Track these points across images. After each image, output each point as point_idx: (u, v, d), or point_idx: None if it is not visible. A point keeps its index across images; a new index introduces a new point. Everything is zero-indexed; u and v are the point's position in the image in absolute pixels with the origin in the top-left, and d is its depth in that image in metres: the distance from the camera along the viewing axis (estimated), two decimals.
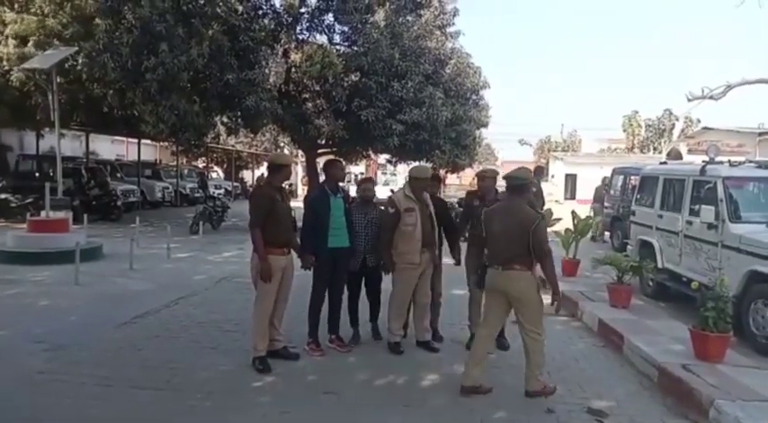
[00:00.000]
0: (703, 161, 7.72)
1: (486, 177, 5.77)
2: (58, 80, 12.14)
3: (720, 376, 4.64)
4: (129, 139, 26.98)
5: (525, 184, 4.59)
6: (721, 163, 7.45)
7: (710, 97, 18.07)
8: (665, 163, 9.97)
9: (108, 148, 27.93)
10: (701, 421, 4.12)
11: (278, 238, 4.89)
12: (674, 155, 14.63)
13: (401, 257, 5.36)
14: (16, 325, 6.02)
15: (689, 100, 18.58)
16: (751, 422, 3.81)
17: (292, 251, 5.14)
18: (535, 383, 4.44)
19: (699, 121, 31.80)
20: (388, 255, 5.38)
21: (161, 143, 28.25)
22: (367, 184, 5.96)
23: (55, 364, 4.88)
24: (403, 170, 32.86)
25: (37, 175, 17.93)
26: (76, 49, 12.57)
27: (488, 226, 4.59)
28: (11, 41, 13.64)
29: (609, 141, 45.09)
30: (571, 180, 33.84)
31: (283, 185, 5.26)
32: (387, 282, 5.67)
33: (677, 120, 35.29)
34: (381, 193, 5.87)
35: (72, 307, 6.87)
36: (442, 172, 33.21)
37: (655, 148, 37.29)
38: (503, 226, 4.44)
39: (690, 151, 20.02)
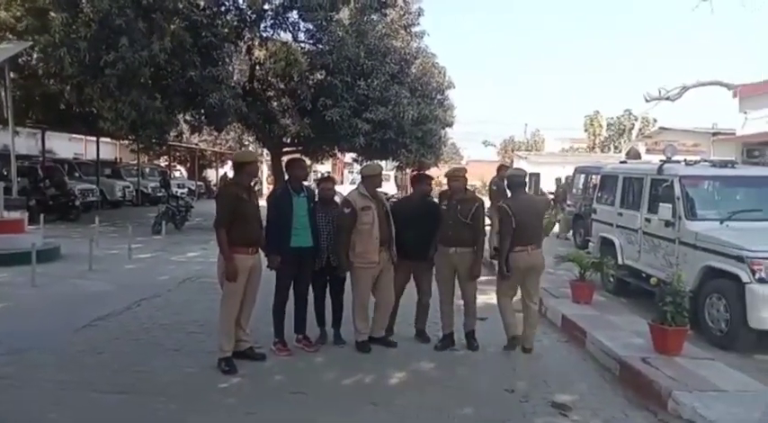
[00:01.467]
0: (660, 160, 7.94)
1: (459, 177, 5.67)
2: (12, 76, 11.73)
3: (678, 368, 4.80)
4: (88, 137, 26.23)
5: (525, 180, 5.87)
6: (678, 162, 7.68)
7: (667, 98, 18.69)
8: (624, 162, 10.22)
9: (65, 146, 27.11)
10: (660, 412, 4.24)
11: (244, 237, 4.80)
12: (633, 154, 15.01)
13: (359, 257, 5.34)
14: None
15: (646, 100, 19.18)
16: (706, 411, 3.95)
17: (260, 251, 5.06)
18: (532, 341, 5.60)
19: (655, 120, 32.66)
20: (344, 255, 5.35)
21: (121, 141, 27.52)
22: (326, 183, 5.88)
23: (12, 369, 4.72)
24: None
25: None
26: (31, 43, 12.18)
27: (521, 216, 5.41)
28: None
29: (571, 141, 45.98)
30: (535, 178, 34.37)
31: (251, 184, 5.18)
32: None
33: (636, 120, 36.20)
34: (347, 191, 5.85)
35: (29, 310, 6.66)
36: (408, 170, 33.46)
37: (615, 147, 38.19)
38: (532, 214, 5.53)
39: (648, 151, 20.53)
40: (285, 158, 19.09)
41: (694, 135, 20.79)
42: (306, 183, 5.67)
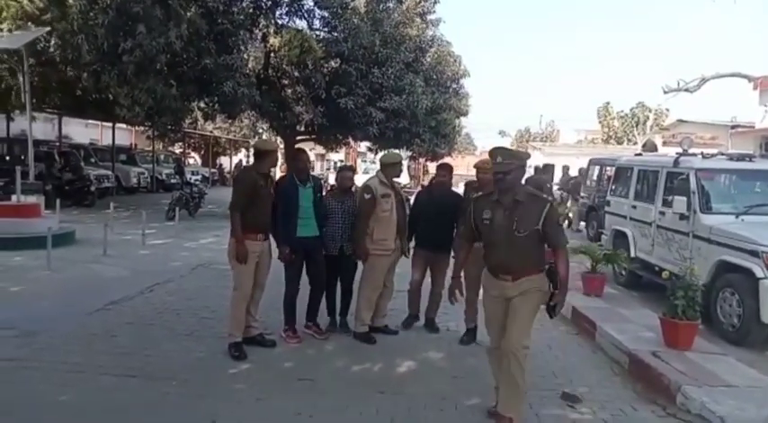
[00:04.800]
0: (677, 153, 7.84)
1: (489, 168, 4.72)
2: (30, 62, 11.83)
3: (688, 363, 4.76)
4: (104, 124, 26.48)
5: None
6: (694, 155, 7.58)
7: (686, 90, 18.38)
8: (640, 154, 10.11)
9: (82, 131, 27.36)
10: (668, 406, 4.22)
11: (256, 223, 4.85)
12: (650, 147, 14.87)
13: (377, 244, 5.35)
14: None
15: (665, 92, 18.89)
16: (715, 406, 3.92)
17: (271, 239, 5.09)
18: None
19: (668, 111, 32.22)
20: (363, 242, 5.35)
21: (137, 128, 27.80)
22: (346, 172, 5.90)
23: (25, 351, 4.80)
24: None
25: (7, 158, 17.52)
26: (48, 29, 12.24)
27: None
28: None
29: (587, 132, 45.54)
30: (550, 170, 34.16)
31: (270, 173, 5.19)
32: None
33: (650, 111, 35.75)
34: (362, 181, 5.78)
35: (44, 293, 6.76)
36: (422, 160, 33.35)
37: (629, 140, 37.76)
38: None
39: (665, 143, 20.31)
40: (298, 147, 19.09)
41: (712, 128, 20.54)
42: (317, 173, 5.67)
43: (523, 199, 3.65)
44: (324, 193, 5.60)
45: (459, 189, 6.14)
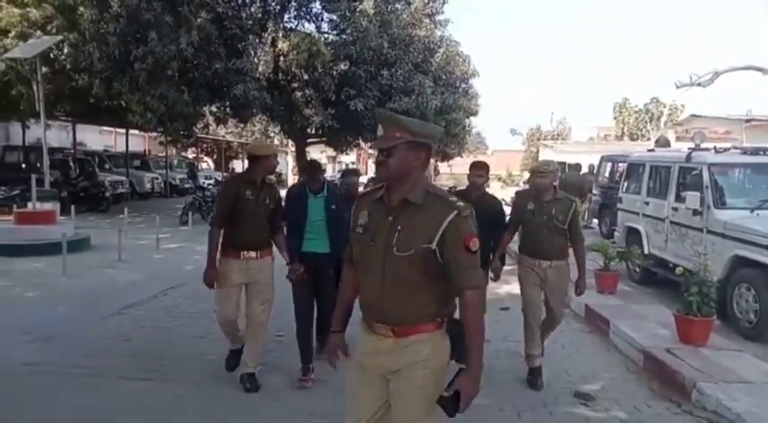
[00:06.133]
0: (689, 148, 7.77)
1: (547, 173, 4.49)
2: (43, 70, 12.00)
3: (703, 359, 4.72)
4: (118, 130, 26.72)
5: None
6: (707, 149, 7.50)
7: (698, 84, 18.15)
8: (652, 150, 10.03)
9: (96, 138, 27.65)
10: (684, 403, 4.18)
11: (237, 239, 4.25)
12: (663, 142, 14.70)
13: None
14: (2, 317, 5.98)
15: (677, 87, 18.66)
16: (731, 403, 3.87)
17: (268, 257, 4.42)
18: None
19: (683, 106, 31.91)
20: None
21: (150, 134, 28.03)
22: (350, 177, 5.33)
23: (42, 356, 4.87)
24: None
25: (23, 166, 17.75)
26: (60, 38, 12.42)
27: None
28: None
29: (599, 129, 45.24)
30: (561, 168, 34.01)
31: (266, 179, 4.46)
32: None
33: (665, 107, 35.43)
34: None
35: (60, 298, 6.85)
36: (432, 161, 33.36)
37: (642, 135, 37.46)
38: None
39: (678, 138, 20.09)
40: (310, 149, 19.14)
41: (726, 122, 20.27)
42: (328, 176, 5.45)
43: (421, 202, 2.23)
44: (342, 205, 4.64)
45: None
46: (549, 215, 4.47)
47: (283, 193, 4.70)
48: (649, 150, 10.13)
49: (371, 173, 29.55)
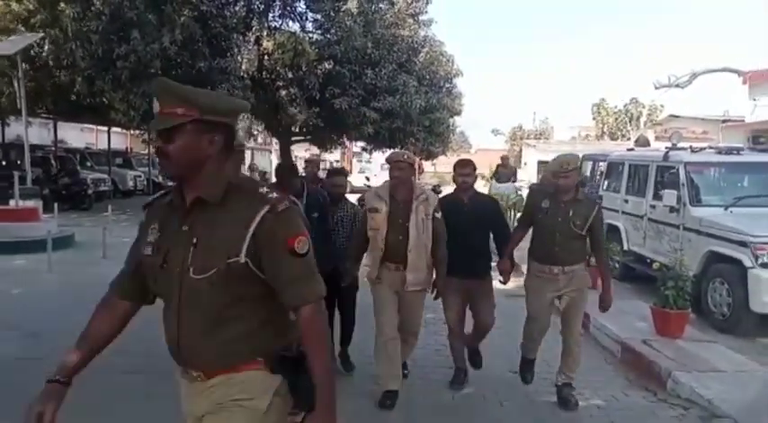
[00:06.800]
0: (666, 147, 7.99)
1: (569, 172, 3.91)
2: (24, 67, 11.90)
3: (679, 350, 4.90)
4: (99, 128, 26.50)
5: None
6: (683, 149, 7.72)
7: (677, 85, 18.55)
8: (632, 149, 10.26)
9: (77, 136, 27.38)
10: (659, 392, 4.35)
11: None
12: (642, 142, 14.96)
13: (368, 270, 4.19)
14: None
15: (656, 88, 19.05)
16: (704, 390, 4.05)
17: None
18: None
19: (662, 106, 32.51)
20: (350, 261, 4.28)
21: (132, 131, 27.80)
22: (336, 177, 4.95)
23: (29, 351, 4.88)
24: (378, 158, 32.92)
25: (3, 163, 17.53)
26: (42, 35, 12.33)
27: None
28: None
29: (581, 129, 45.80)
30: (543, 167, 34.39)
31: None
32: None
33: (644, 107, 36.02)
34: (356, 180, 5.63)
35: (46, 294, 6.85)
36: (416, 159, 33.47)
37: (623, 135, 38.03)
38: None
39: (657, 138, 20.45)
40: (294, 147, 19.12)
41: (704, 122, 20.72)
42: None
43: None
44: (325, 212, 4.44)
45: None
46: (565, 217, 3.94)
47: None
48: (629, 150, 10.37)
49: (356, 170, 29.59)
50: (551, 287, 4.06)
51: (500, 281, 4.35)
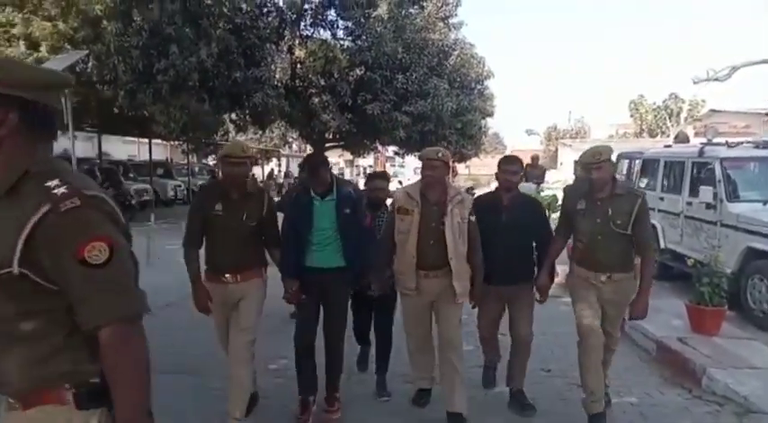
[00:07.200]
0: (701, 143, 7.87)
1: (601, 163, 3.51)
2: None
3: (714, 347, 4.86)
4: (141, 140, 27.35)
5: None
6: (720, 144, 7.60)
7: (716, 79, 18.08)
8: (669, 146, 10.11)
9: (120, 148, 28.33)
10: (694, 389, 4.33)
11: (211, 261, 3.78)
12: (682, 138, 14.67)
13: (398, 279, 3.87)
14: None
15: (694, 83, 18.61)
16: (739, 387, 4.03)
17: (250, 278, 3.70)
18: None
19: (704, 101, 31.68)
20: (377, 268, 3.91)
21: (172, 142, 28.62)
22: (378, 180, 4.60)
23: None
24: (411, 162, 33.02)
25: None
26: (87, 52, 12.86)
27: None
28: (21, 43, 13.94)
29: (618, 126, 44.95)
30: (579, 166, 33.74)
31: (248, 188, 3.69)
32: None
33: (683, 103, 35.15)
34: (390, 185, 5.52)
35: None
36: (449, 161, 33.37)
37: (662, 132, 37.17)
38: None
39: (697, 134, 20.01)
40: (328, 153, 19.40)
41: (746, 116, 20.19)
42: (347, 177, 5.12)
43: None
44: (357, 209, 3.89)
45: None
46: (604, 217, 3.54)
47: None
48: (666, 146, 10.21)
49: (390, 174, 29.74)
50: (595, 292, 3.66)
51: (537, 299, 4.01)
